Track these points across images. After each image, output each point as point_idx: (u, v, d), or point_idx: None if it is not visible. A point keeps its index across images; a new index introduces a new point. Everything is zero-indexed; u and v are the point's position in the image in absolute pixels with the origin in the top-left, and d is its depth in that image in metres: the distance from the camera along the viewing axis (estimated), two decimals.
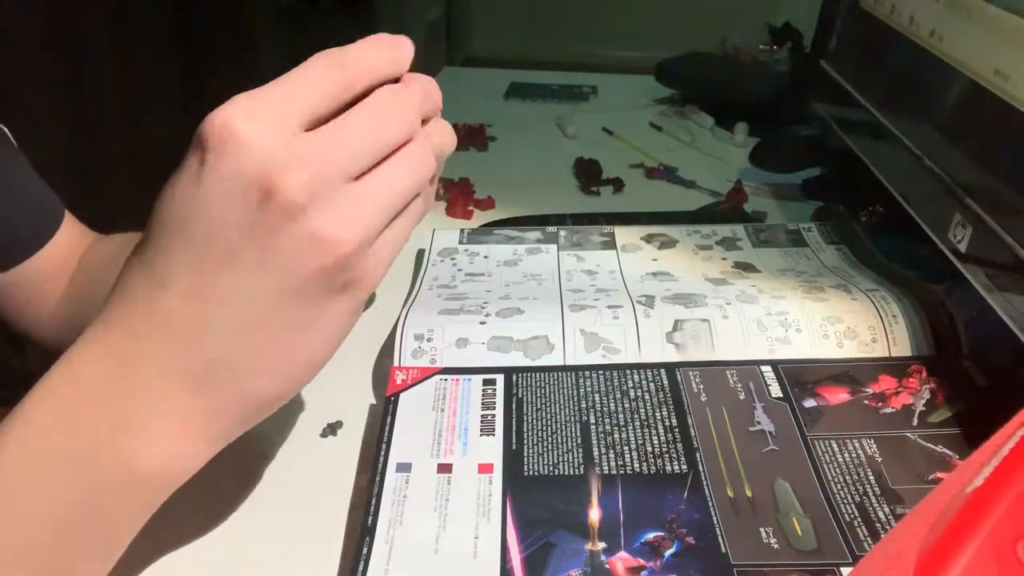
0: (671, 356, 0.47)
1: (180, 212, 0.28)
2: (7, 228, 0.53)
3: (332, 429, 0.46)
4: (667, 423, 0.42)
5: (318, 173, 0.28)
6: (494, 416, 0.43)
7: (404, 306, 0.51)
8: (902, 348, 0.47)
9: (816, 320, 0.47)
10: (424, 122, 0.33)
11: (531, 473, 0.39)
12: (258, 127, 0.27)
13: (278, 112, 0.28)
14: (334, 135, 0.29)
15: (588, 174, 0.80)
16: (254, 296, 0.28)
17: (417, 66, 0.36)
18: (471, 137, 0.91)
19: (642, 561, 0.35)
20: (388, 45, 0.32)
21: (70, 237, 0.57)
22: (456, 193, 0.75)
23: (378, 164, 0.30)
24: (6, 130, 0.54)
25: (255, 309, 0.29)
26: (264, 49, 2.66)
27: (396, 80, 0.32)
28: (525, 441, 0.41)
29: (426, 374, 0.45)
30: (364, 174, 0.30)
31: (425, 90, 0.33)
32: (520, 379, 0.45)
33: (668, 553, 0.35)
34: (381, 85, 0.31)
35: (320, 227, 0.28)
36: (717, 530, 0.36)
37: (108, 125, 1.84)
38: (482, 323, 0.48)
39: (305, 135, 0.28)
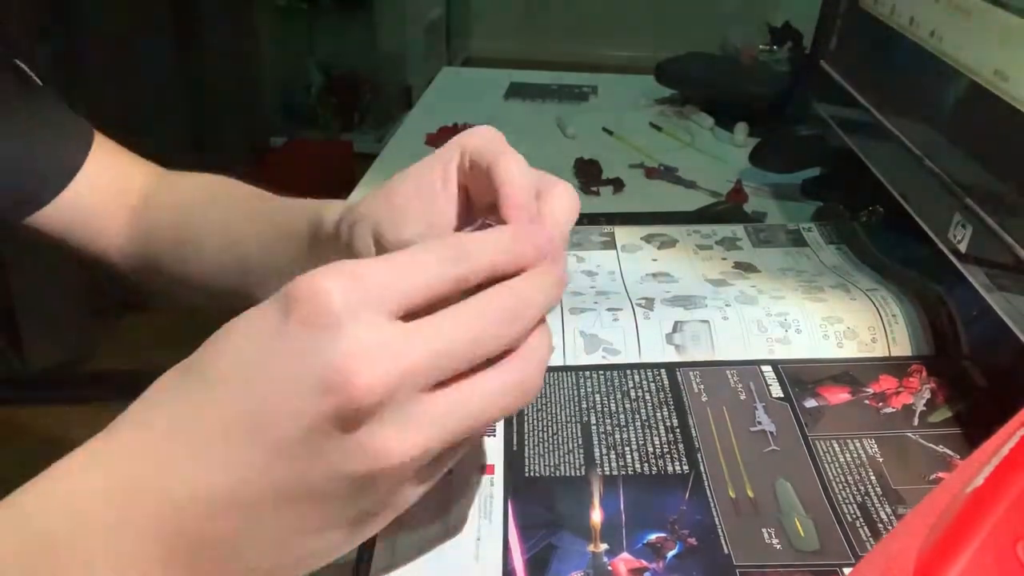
0: (671, 357, 0.47)
1: (247, 356, 0.26)
2: (30, 166, 0.53)
3: None
4: (668, 423, 0.42)
5: (398, 381, 0.25)
6: None
7: None
8: (902, 348, 0.47)
9: (816, 320, 0.47)
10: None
11: (532, 474, 0.39)
12: (354, 311, 0.25)
13: (379, 298, 0.26)
14: (429, 337, 0.26)
15: (588, 174, 0.80)
16: (279, 484, 0.26)
17: (417, 66, 0.35)
18: None
19: (644, 562, 0.35)
20: (519, 241, 0.29)
21: (117, 167, 0.57)
22: None
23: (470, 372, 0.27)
24: (27, 69, 0.54)
25: (272, 495, 0.26)
26: (264, 48, 2.66)
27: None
28: (526, 442, 0.41)
29: None
30: (449, 381, 0.27)
31: (547, 292, 0.30)
32: None
33: (670, 554, 0.35)
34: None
35: (372, 439, 0.25)
36: (719, 531, 0.36)
37: (105, 127, 1.84)
38: None
39: (398, 330, 0.26)
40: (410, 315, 0.27)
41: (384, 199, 0.38)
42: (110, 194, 0.56)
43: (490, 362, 0.28)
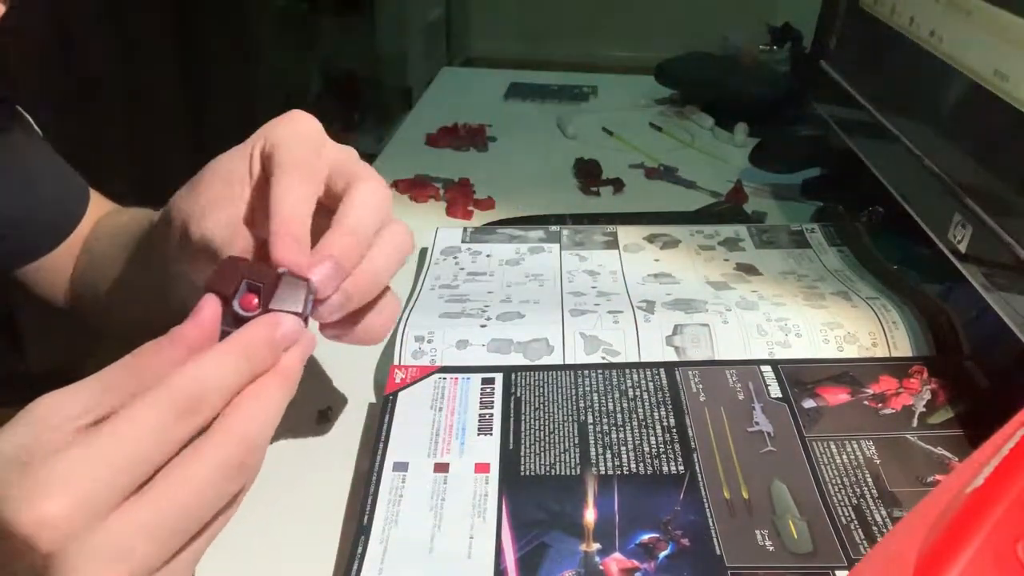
0: (671, 358, 0.46)
1: None
2: (36, 217, 0.53)
3: (325, 416, 0.46)
4: (665, 423, 0.42)
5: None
6: (492, 415, 0.42)
7: (405, 307, 0.51)
8: (903, 352, 0.46)
9: (816, 325, 0.47)
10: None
11: (527, 473, 0.39)
12: (72, 537, 0.24)
13: (100, 505, 0.24)
14: (149, 528, 0.25)
15: (588, 174, 0.80)
16: None
17: (417, 66, 0.34)
18: (471, 137, 0.91)
19: (636, 563, 0.34)
20: (254, 354, 0.29)
21: (95, 216, 0.57)
22: (456, 193, 0.75)
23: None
24: (28, 117, 0.54)
25: None
26: (264, 49, 2.66)
27: None
28: (522, 441, 0.41)
29: (425, 373, 0.45)
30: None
31: (268, 416, 0.29)
32: (519, 378, 0.45)
33: (663, 555, 0.35)
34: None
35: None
36: (712, 532, 0.36)
37: (107, 127, 1.84)
38: (483, 326, 0.48)
39: (117, 538, 0.24)
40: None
41: (189, 193, 0.37)
42: (76, 243, 0.56)
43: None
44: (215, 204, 0.36)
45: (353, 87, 3.00)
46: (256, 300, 0.31)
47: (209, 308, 0.30)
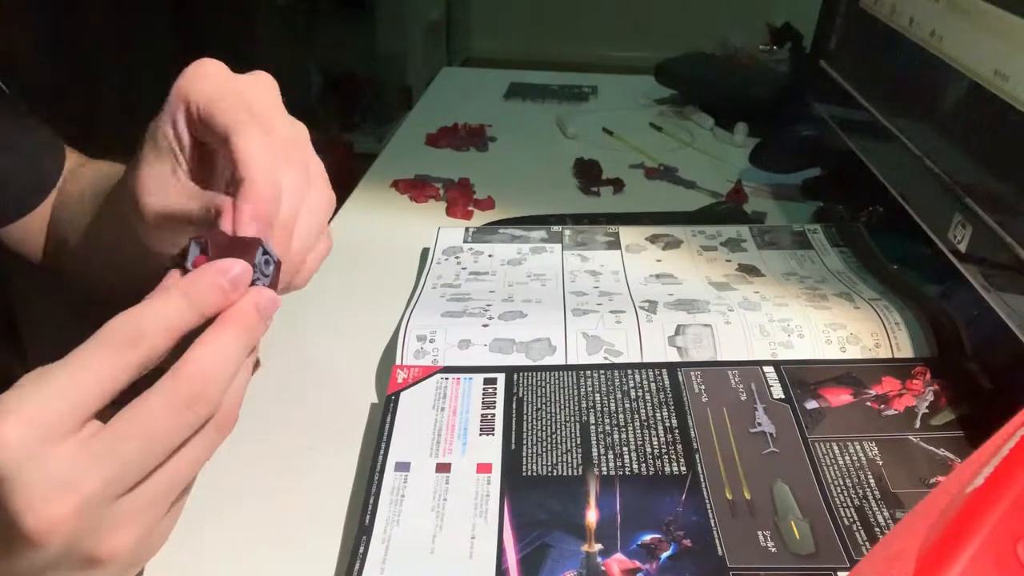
0: (673, 359, 0.46)
1: None
2: (9, 179, 0.53)
3: None
4: (667, 424, 0.42)
5: (78, 515, 0.26)
6: (494, 415, 0.43)
7: (407, 306, 0.51)
8: (905, 353, 0.46)
9: (819, 326, 0.47)
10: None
11: (529, 473, 0.39)
12: (29, 456, 0.25)
13: (56, 428, 0.26)
14: (103, 458, 0.26)
15: (588, 174, 0.80)
16: None
17: (417, 66, 0.34)
18: (471, 137, 0.91)
19: (638, 563, 0.34)
20: (196, 294, 0.29)
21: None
22: (456, 193, 0.75)
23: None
24: (2, 85, 0.54)
25: None
26: (264, 49, 2.66)
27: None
28: (524, 441, 0.41)
29: (427, 373, 0.45)
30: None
31: (236, 346, 0.29)
32: (521, 378, 0.45)
33: (664, 555, 0.35)
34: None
35: (89, 554, 0.27)
36: (714, 533, 0.36)
37: (107, 128, 1.84)
38: (484, 326, 0.48)
39: (72, 460, 0.26)
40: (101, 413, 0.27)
41: (133, 167, 0.38)
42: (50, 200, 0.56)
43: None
44: (148, 177, 0.36)
45: (353, 87, 3.00)
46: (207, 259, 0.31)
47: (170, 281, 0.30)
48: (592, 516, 0.37)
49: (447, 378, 0.45)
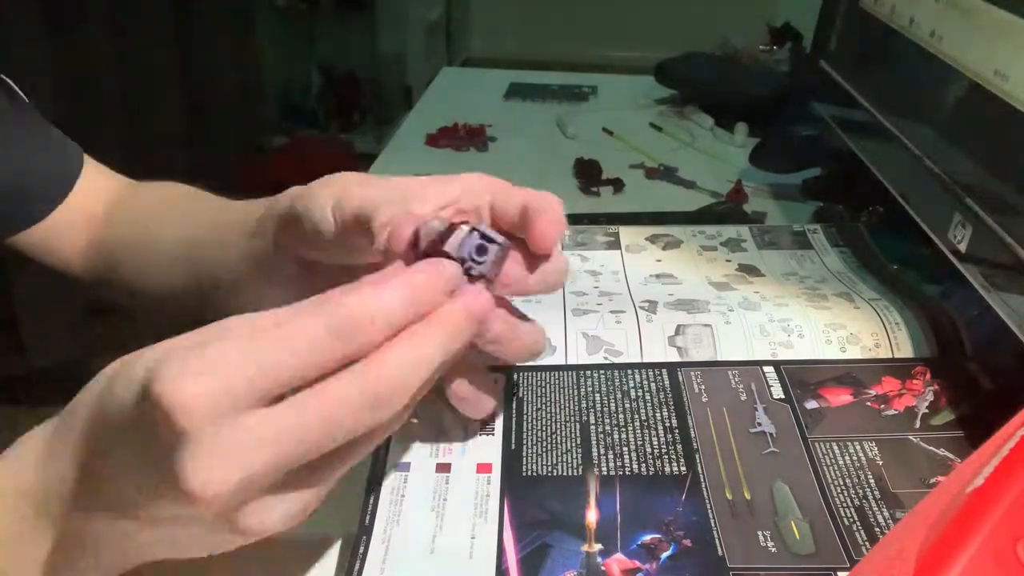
0: (673, 359, 0.46)
1: (103, 440, 0.28)
2: (27, 183, 0.53)
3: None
4: (667, 423, 0.42)
5: (239, 486, 0.26)
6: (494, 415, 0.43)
7: None
8: (905, 353, 0.46)
9: (819, 326, 0.47)
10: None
11: (529, 473, 0.39)
12: (207, 418, 0.25)
13: (237, 397, 0.25)
14: (280, 433, 0.26)
15: (588, 174, 0.80)
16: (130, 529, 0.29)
17: (417, 66, 0.34)
18: (471, 137, 0.91)
19: (638, 563, 0.34)
20: (421, 292, 0.28)
21: (92, 184, 0.57)
22: None
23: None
24: (14, 85, 0.54)
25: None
26: (264, 48, 2.66)
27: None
28: (524, 441, 0.41)
29: None
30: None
31: (436, 352, 0.29)
32: (521, 378, 0.45)
33: (664, 555, 0.35)
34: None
35: (233, 525, 0.27)
36: (714, 533, 0.36)
37: (107, 128, 1.84)
38: None
39: (247, 431, 0.26)
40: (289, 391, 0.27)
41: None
42: (81, 210, 0.56)
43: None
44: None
45: (353, 87, 3.00)
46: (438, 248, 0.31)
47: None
48: (592, 516, 0.37)
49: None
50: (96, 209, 0.57)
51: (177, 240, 0.51)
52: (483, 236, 0.32)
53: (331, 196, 0.36)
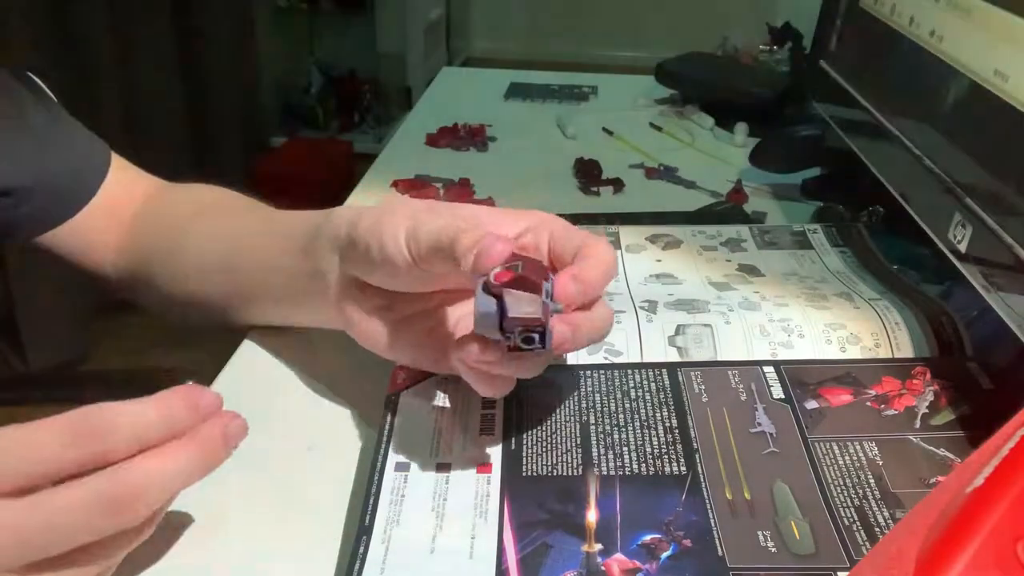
0: (673, 359, 0.46)
1: None
2: (54, 182, 0.53)
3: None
4: (667, 424, 0.42)
5: None
6: (494, 415, 0.43)
7: None
8: (905, 353, 0.46)
9: (819, 326, 0.47)
10: None
11: (529, 474, 0.39)
12: None
13: None
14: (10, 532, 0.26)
15: (588, 174, 0.80)
16: None
17: (417, 66, 0.35)
18: (471, 137, 0.91)
19: (638, 563, 0.34)
20: (172, 412, 0.30)
21: (121, 183, 0.56)
22: (456, 194, 0.75)
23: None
24: (41, 83, 0.54)
25: None
26: (264, 49, 2.66)
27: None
28: (524, 441, 0.41)
29: (427, 373, 0.45)
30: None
31: (179, 476, 0.30)
32: (521, 378, 0.45)
33: (664, 555, 0.35)
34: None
35: None
36: (714, 533, 0.36)
37: (107, 128, 1.84)
38: None
39: None
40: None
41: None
42: (110, 210, 0.56)
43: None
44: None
45: (353, 87, 3.00)
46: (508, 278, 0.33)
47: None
48: (592, 516, 0.37)
49: (447, 378, 0.45)
50: (125, 211, 0.56)
51: (215, 251, 0.50)
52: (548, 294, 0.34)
53: (402, 227, 0.37)
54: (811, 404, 0.43)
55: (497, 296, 0.34)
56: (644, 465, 0.39)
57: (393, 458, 0.40)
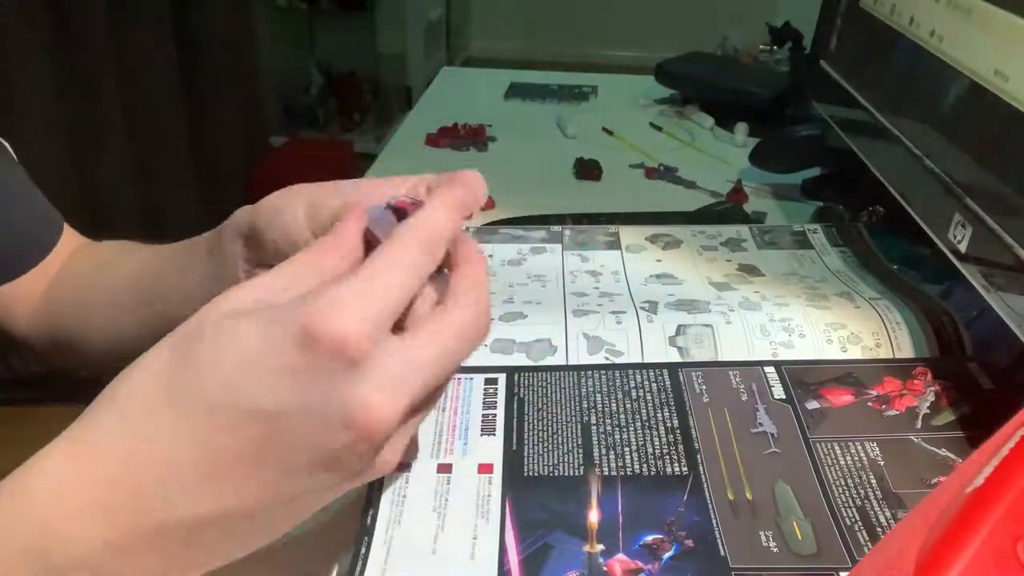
0: (674, 359, 0.46)
1: (256, 389, 0.26)
2: (6, 241, 0.52)
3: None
4: (668, 424, 0.42)
5: (406, 409, 0.26)
6: (495, 416, 0.43)
7: None
8: (906, 353, 0.47)
9: (819, 326, 0.47)
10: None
11: (531, 474, 0.39)
12: (368, 349, 0.26)
13: (384, 324, 0.27)
14: (427, 359, 0.27)
15: (588, 174, 0.80)
16: (284, 493, 0.28)
17: (417, 66, 0.35)
18: (471, 137, 0.91)
19: (640, 563, 0.34)
20: (453, 202, 0.32)
21: (60, 255, 0.56)
22: None
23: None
24: (7, 144, 0.54)
25: (274, 500, 0.28)
26: (264, 48, 2.66)
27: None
28: (526, 441, 0.41)
29: None
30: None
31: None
32: (522, 379, 0.45)
33: (666, 556, 0.35)
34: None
35: (381, 457, 0.28)
36: (716, 533, 0.36)
37: (108, 128, 1.84)
38: None
39: (401, 357, 0.26)
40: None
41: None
42: (45, 274, 0.55)
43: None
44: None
45: (353, 87, 3.00)
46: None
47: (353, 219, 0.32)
48: (594, 516, 0.37)
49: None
50: (50, 271, 0.56)
51: (128, 289, 0.50)
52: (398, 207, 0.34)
53: (302, 207, 0.37)
54: (812, 404, 0.43)
55: (395, 209, 0.34)
56: (646, 465, 0.39)
57: None
